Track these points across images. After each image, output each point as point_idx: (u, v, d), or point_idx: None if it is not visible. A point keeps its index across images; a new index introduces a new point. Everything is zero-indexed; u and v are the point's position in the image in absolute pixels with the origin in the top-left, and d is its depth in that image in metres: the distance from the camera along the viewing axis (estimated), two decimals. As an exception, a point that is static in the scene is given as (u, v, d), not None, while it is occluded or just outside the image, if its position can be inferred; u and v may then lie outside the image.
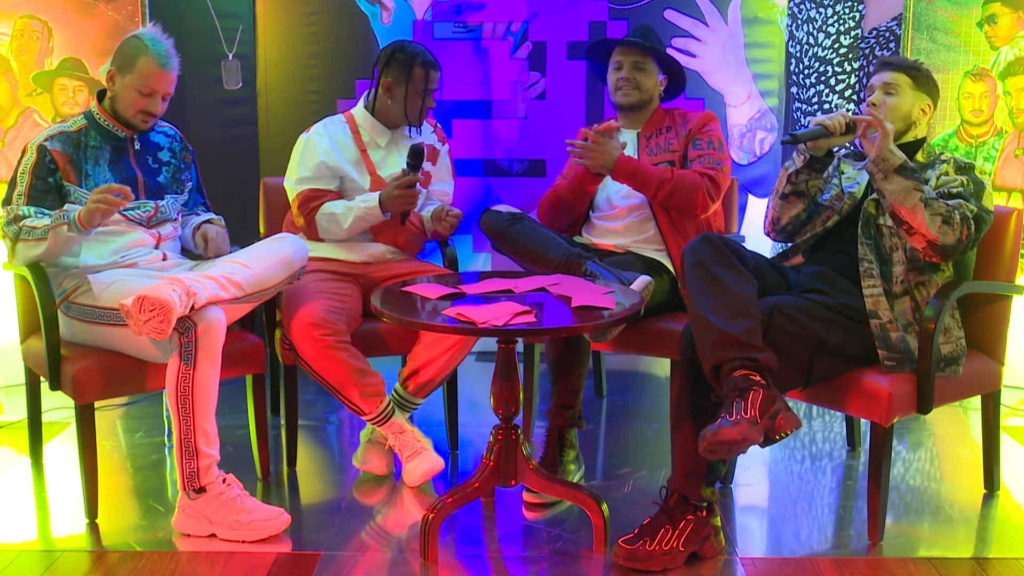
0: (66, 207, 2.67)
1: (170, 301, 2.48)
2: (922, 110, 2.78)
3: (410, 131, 3.25)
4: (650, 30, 3.27)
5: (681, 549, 2.46)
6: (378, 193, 3.07)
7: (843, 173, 2.86)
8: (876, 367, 2.58)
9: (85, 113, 2.89)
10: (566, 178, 3.26)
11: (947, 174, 2.67)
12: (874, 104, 2.76)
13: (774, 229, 2.90)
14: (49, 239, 2.65)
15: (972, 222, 2.54)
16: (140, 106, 2.82)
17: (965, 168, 2.68)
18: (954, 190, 2.62)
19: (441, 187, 3.38)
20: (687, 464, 2.48)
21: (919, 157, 2.75)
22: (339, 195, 3.16)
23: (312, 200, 3.11)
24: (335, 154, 3.16)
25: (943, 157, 2.75)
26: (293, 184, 3.17)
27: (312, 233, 3.15)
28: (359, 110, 3.26)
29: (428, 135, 3.34)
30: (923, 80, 2.79)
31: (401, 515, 2.84)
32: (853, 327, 2.58)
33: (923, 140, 2.80)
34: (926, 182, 2.65)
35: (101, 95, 2.89)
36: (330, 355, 2.84)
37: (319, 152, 3.15)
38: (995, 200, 3.95)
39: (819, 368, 2.55)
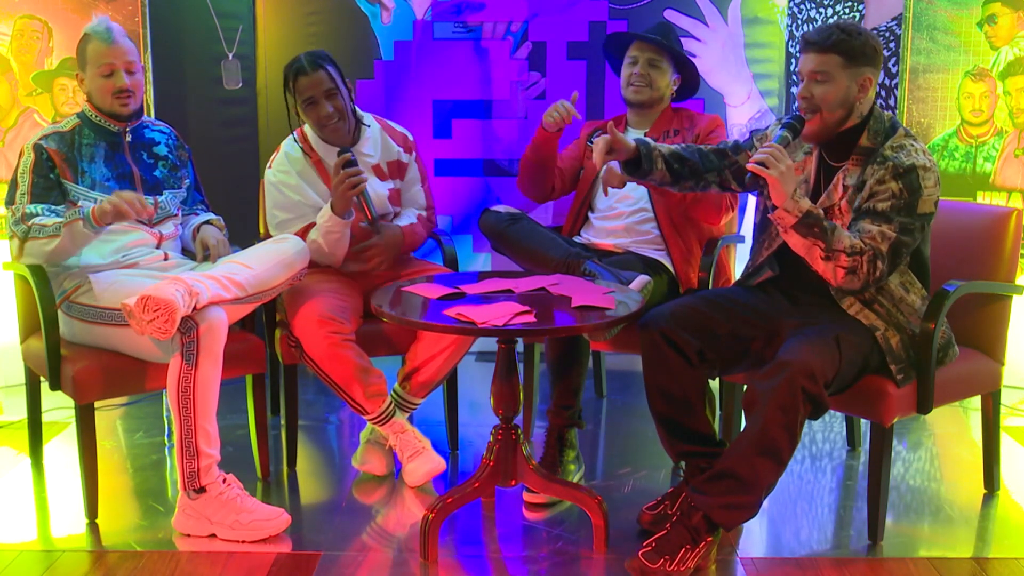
0: (80, 203, 2.67)
1: (174, 301, 2.48)
2: (862, 86, 2.47)
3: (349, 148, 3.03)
4: (670, 29, 3.25)
5: (692, 567, 2.42)
6: (329, 203, 2.98)
7: None
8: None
9: (79, 113, 2.90)
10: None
11: (881, 182, 2.44)
12: (803, 97, 2.48)
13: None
14: (63, 235, 2.66)
15: (885, 257, 2.41)
16: (109, 88, 2.82)
17: (904, 173, 2.42)
18: (880, 206, 2.43)
19: (411, 194, 3.27)
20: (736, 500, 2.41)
21: (864, 141, 2.52)
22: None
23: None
24: (306, 190, 3.08)
25: (887, 150, 2.47)
26: (277, 232, 3.07)
27: (320, 267, 3.10)
28: (308, 128, 3.15)
29: (390, 148, 3.20)
30: (858, 51, 2.44)
31: (401, 515, 2.84)
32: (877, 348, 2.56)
33: (867, 119, 2.52)
34: (861, 186, 2.48)
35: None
36: (336, 353, 2.84)
37: (290, 192, 3.08)
38: (993, 200, 3.99)
39: (851, 383, 2.54)
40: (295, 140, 3.15)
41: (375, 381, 2.89)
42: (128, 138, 2.91)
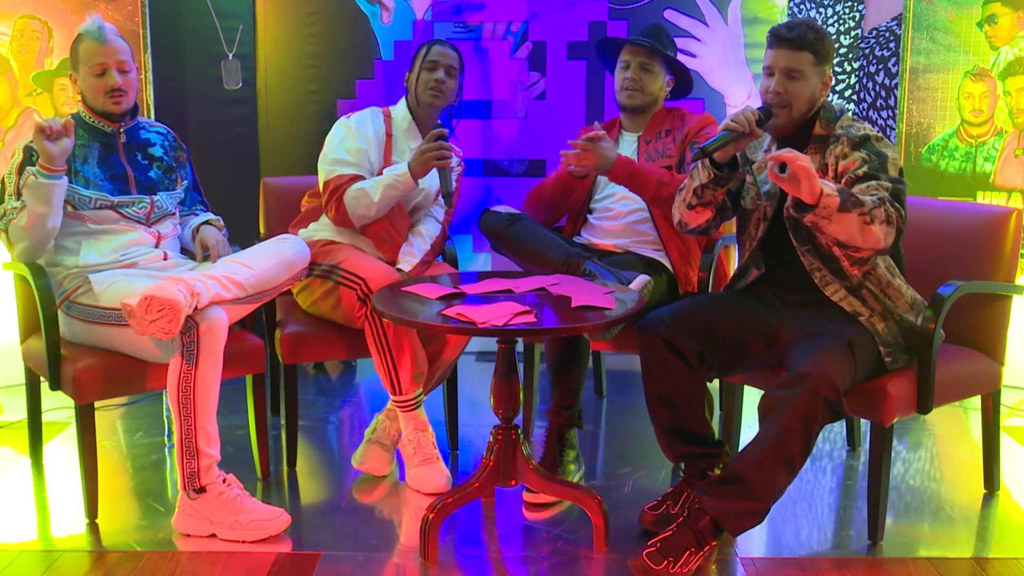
0: (28, 167, 2.67)
1: (178, 301, 2.48)
2: (825, 83, 2.57)
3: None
4: (661, 30, 3.23)
5: (694, 568, 2.42)
6: (407, 162, 3.00)
7: (757, 174, 2.70)
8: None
9: (73, 114, 2.89)
10: (550, 177, 3.27)
11: (844, 156, 2.51)
12: (778, 93, 2.52)
13: (683, 231, 2.82)
14: (26, 199, 2.64)
15: (897, 203, 2.41)
16: (101, 88, 2.82)
17: (859, 143, 2.50)
18: (860, 172, 2.46)
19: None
20: (750, 507, 2.41)
21: (818, 129, 2.58)
22: None
23: (348, 183, 3.02)
24: (373, 149, 3.11)
25: (837, 129, 2.56)
26: (328, 166, 3.06)
27: (340, 217, 3.04)
28: (400, 108, 3.20)
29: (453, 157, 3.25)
30: (826, 50, 2.54)
31: (401, 515, 2.84)
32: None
33: (819, 108, 2.60)
34: (824, 169, 2.53)
35: None
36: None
37: (362, 141, 3.08)
38: (993, 200, 3.99)
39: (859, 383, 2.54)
40: (380, 112, 3.21)
41: (422, 363, 2.89)
42: (123, 139, 2.91)
